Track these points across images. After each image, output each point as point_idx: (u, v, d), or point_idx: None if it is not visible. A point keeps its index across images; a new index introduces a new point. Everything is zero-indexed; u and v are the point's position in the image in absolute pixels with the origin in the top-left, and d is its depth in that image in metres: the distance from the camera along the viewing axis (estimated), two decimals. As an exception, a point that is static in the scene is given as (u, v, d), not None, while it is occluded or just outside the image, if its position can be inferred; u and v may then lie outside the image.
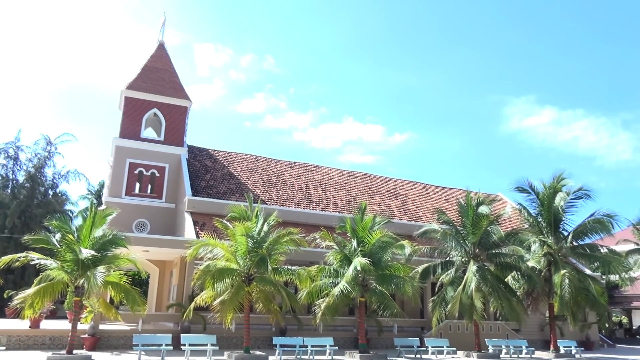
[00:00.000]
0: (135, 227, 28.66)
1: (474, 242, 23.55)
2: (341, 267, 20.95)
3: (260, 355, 18.49)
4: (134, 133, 30.62)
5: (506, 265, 23.60)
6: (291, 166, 35.10)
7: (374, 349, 23.44)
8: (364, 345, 20.81)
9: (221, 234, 22.49)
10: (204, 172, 30.60)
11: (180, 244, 22.25)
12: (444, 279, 23.58)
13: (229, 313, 18.43)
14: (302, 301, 20.12)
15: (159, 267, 28.57)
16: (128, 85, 31.54)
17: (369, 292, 20.66)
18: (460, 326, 25.79)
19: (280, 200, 29.97)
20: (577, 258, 26.92)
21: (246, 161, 33.84)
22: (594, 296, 24.26)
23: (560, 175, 26.33)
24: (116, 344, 20.09)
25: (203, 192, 28.23)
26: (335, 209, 31.06)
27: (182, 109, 32.39)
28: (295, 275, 19.60)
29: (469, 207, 23.93)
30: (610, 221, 25.00)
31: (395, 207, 34.05)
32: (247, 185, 30.51)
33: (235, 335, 21.60)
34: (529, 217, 26.72)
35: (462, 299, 21.69)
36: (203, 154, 32.95)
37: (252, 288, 18.97)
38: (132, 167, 29.92)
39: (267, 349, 21.58)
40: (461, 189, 37.82)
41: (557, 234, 25.83)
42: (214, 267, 18.59)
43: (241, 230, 18.77)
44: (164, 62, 33.99)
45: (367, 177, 37.36)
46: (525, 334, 27.91)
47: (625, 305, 38.87)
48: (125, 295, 17.40)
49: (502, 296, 21.96)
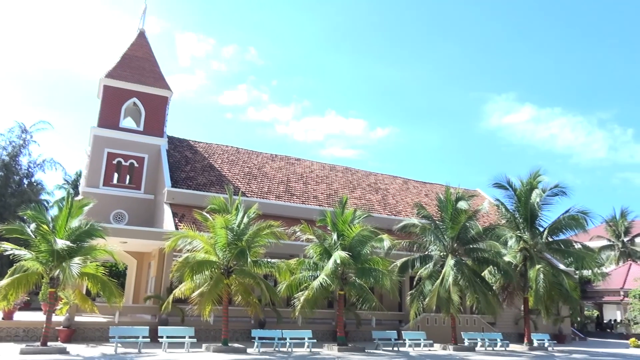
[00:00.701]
0: (113, 218, 28.26)
1: (452, 237, 23.86)
2: (321, 260, 21.03)
3: (239, 348, 18.48)
4: (113, 122, 30.10)
5: (483, 260, 23.99)
6: (272, 159, 34.98)
7: (352, 341, 23.63)
8: (342, 338, 20.96)
9: (201, 226, 22.35)
10: (184, 164, 30.29)
11: (158, 236, 22.02)
12: (423, 272, 23.85)
13: (207, 305, 18.37)
14: (282, 294, 20.16)
15: (136, 259, 28.25)
16: (107, 74, 30.95)
17: (348, 285, 20.79)
18: (437, 319, 26.15)
19: (261, 193, 29.87)
20: (551, 253, 27.52)
21: (227, 153, 33.60)
22: (567, 291, 24.85)
23: (537, 172, 26.83)
24: (92, 336, 19.84)
25: (183, 184, 27.96)
26: (316, 202, 31.10)
27: (163, 99, 31.94)
28: (274, 268, 19.61)
29: (448, 202, 24.22)
30: (584, 218, 25.60)
31: (375, 201, 34.25)
32: (228, 178, 30.32)
33: (214, 327, 21.53)
34: (506, 213, 27.19)
35: (440, 292, 21.98)
36: (183, 145, 32.60)
37: (231, 280, 18.92)
38: (110, 157, 29.44)
39: (245, 341, 21.57)
40: (441, 184, 38.24)
41: (533, 229, 26.34)
42: (193, 259, 18.48)
43: (221, 223, 18.68)
44: (144, 51, 33.44)
45: (348, 171, 37.47)
46: (500, 327, 28.45)
47: (596, 300, 39.91)
48: (102, 286, 17.18)
49: (478, 290, 22.32)
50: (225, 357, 16.70)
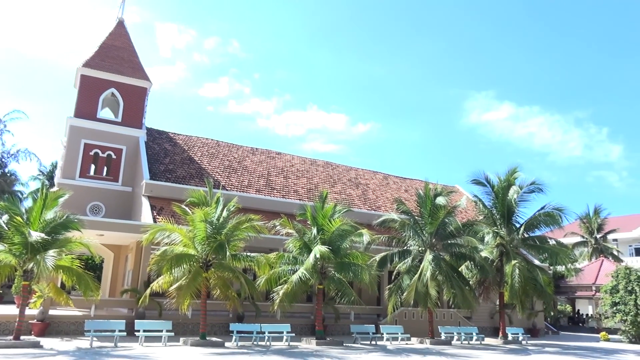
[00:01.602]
0: (90, 210, 27.80)
1: (431, 232, 24.11)
2: (300, 254, 21.06)
3: (217, 342, 18.42)
4: (90, 113, 29.52)
5: (461, 255, 24.32)
6: (253, 152, 34.81)
7: (330, 335, 23.76)
8: (320, 331, 21.05)
9: (179, 219, 22.16)
10: (163, 156, 29.92)
11: (136, 229, 21.74)
12: (401, 267, 24.07)
13: (185, 299, 18.26)
14: (261, 288, 20.14)
15: (113, 252, 27.86)
16: (84, 63, 30.32)
17: (328, 279, 20.87)
18: (415, 314, 26.45)
19: (241, 187, 29.71)
20: (527, 249, 28.06)
21: (207, 146, 33.30)
22: (541, 286, 25.40)
23: (515, 169, 27.27)
24: (67, 330, 19.53)
25: (161, 176, 27.63)
26: (296, 196, 31.08)
27: (141, 89, 31.45)
28: (254, 262, 19.57)
29: (427, 198, 24.45)
30: (559, 215, 26.16)
31: (355, 196, 34.38)
32: (208, 171, 30.07)
33: (192, 321, 21.40)
34: (484, 209, 27.61)
35: (418, 287, 22.22)
36: (162, 137, 32.18)
37: (210, 274, 18.82)
38: (87, 148, 28.90)
39: (223, 335, 21.50)
40: (420, 180, 38.56)
41: (510, 225, 26.81)
42: (172, 252, 18.33)
43: (200, 216, 18.55)
44: (123, 41, 32.83)
45: (328, 166, 37.52)
46: (476, 321, 28.93)
47: (569, 295, 40.85)
48: (77, 279, 16.93)
49: (455, 285, 22.64)
50: (203, 351, 16.62)
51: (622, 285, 29.28)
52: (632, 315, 28.26)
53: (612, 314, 29.65)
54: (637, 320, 28.15)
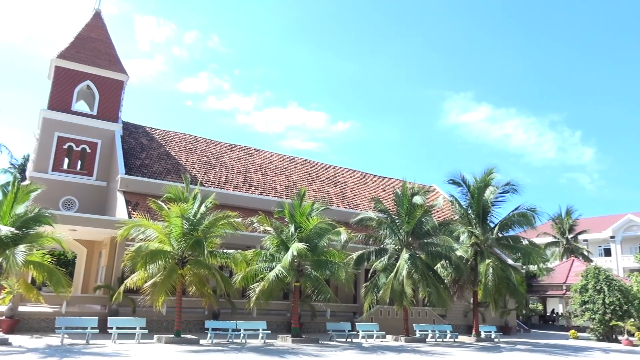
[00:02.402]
0: (63, 205, 27.21)
1: (407, 231, 24.33)
2: (278, 251, 21.02)
3: (192, 339, 18.26)
4: (64, 105, 28.86)
5: (436, 254, 24.61)
6: (231, 149, 34.55)
7: (306, 333, 23.80)
8: (296, 329, 21.06)
9: (155, 215, 21.86)
10: (139, 150, 29.46)
11: (110, 224, 21.36)
12: (378, 265, 24.23)
13: (160, 296, 18.05)
14: (237, 285, 20.04)
15: (86, 248, 27.34)
16: (59, 54, 29.62)
17: (304, 277, 20.88)
18: (391, 311, 26.67)
19: (219, 183, 29.47)
20: (501, 249, 28.56)
21: (184, 141, 32.92)
22: (514, 285, 25.89)
23: (491, 170, 27.70)
24: (37, 327, 19.10)
25: (137, 171, 27.21)
26: (275, 193, 30.99)
27: (118, 82, 30.88)
28: (230, 259, 19.45)
29: (404, 197, 24.65)
30: (532, 215, 26.70)
31: (334, 194, 34.46)
32: (185, 166, 29.74)
33: (166, 318, 21.16)
34: (460, 209, 27.98)
35: (394, 285, 22.41)
36: (139, 131, 31.68)
37: (185, 271, 18.64)
38: (60, 142, 28.27)
39: (199, 332, 21.33)
40: (398, 179, 38.88)
41: (485, 225, 27.24)
42: (146, 248, 18.09)
43: (176, 212, 18.34)
44: (99, 32, 32.17)
45: (307, 164, 37.49)
46: (450, 319, 29.33)
47: (541, 294, 41.77)
48: (48, 275, 16.57)
49: (431, 283, 22.91)
50: (178, 349, 16.46)
51: (591, 284, 30.06)
52: (599, 314, 29.05)
53: (581, 313, 30.43)
54: (605, 319, 28.95)
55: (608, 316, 28.85)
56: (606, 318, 28.93)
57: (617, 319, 28.74)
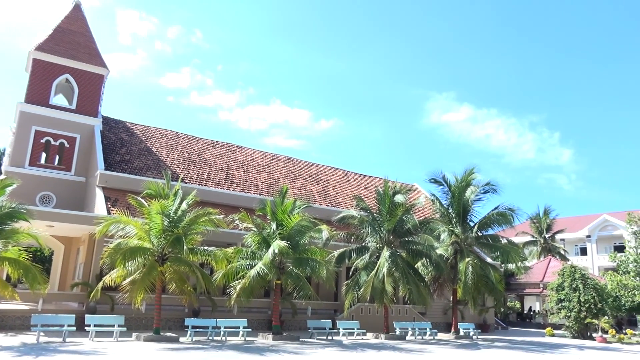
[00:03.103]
0: (39, 201, 26.69)
1: (389, 230, 24.48)
2: (259, 249, 20.96)
3: (171, 337, 18.10)
4: (42, 99, 28.28)
5: (417, 252, 24.82)
6: (213, 145, 34.29)
7: (287, 330, 23.79)
8: (277, 327, 21.03)
9: (135, 211, 21.61)
10: (119, 146, 29.04)
11: (89, 220, 21.02)
12: (359, 263, 24.34)
13: (139, 293, 17.85)
14: (218, 282, 19.92)
15: (64, 244, 26.86)
16: (37, 46, 29.00)
17: (285, 274, 20.86)
18: (371, 309, 26.82)
19: (200, 180, 29.23)
20: (480, 247, 28.94)
21: (166, 137, 32.56)
22: (493, 283, 26.28)
23: (472, 170, 28.06)
24: (12, 325, 18.71)
25: (117, 167, 26.82)
26: (257, 191, 30.86)
27: (98, 76, 30.38)
28: (211, 256, 19.33)
29: (386, 196, 24.79)
30: (511, 215, 27.13)
31: (316, 192, 34.47)
32: (166, 162, 29.42)
33: (146, 316, 20.94)
34: (441, 208, 28.28)
35: (375, 283, 22.54)
36: (119, 126, 31.22)
37: (165, 268, 18.46)
38: (38, 136, 27.70)
39: (178, 330, 21.16)
40: (380, 178, 39.06)
41: (465, 224, 27.57)
42: (126, 245, 17.85)
43: (157, 208, 18.14)
44: (79, 25, 31.58)
45: (290, 161, 37.43)
46: (430, 317, 29.64)
47: (519, 292, 42.45)
48: (24, 272, 16.26)
49: (411, 281, 23.10)
50: (156, 347, 16.30)
51: (568, 283, 30.67)
52: (575, 311, 29.66)
53: (558, 310, 31.03)
54: (580, 316, 29.57)
55: (583, 314, 29.47)
56: (581, 316, 29.55)
57: (591, 317, 29.39)
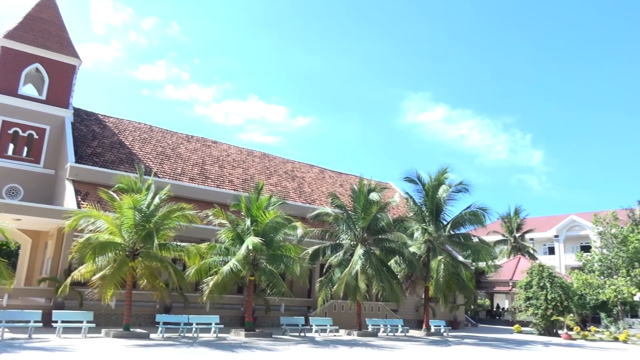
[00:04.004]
0: (6, 193, 25.92)
1: (363, 227, 24.64)
2: (233, 245, 20.83)
3: (141, 333, 17.86)
4: (11, 88, 27.41)
5: (390, 250, 25.07)
6: (188, 140, 33.87)
7: (260, 327, 23.74)
8: (250, 323, 20.97)
9: (106, 205, 21.20)
10: (91, 138, 28.42)
11: (58, 214, 20.54)
12: (333, 260, 24.45)
13: (109, 289, 17.54)
14: (190, 278, 19.73)
15: (31, 238, 26.16)
16: (6, 34, 28.07)
17: (259, 271, 20.80)
18: (344, 306, 26.98)
19: (174, 174, 28.85)
20: (452, 246, 29.43)
21: (139, 130, 32.00)
22: (464, 281, 26.75)
23: (445, 169, 28.47)
24: (-25, 320, 18.13)
25: (88, 160, 26.25)
26: (231, 186, 30.64)
27: (70, 67, 29.60)
28: (184, 252, 19.12)
29: (361, 194, 24.95)
30: (483, 214, 27.66)
31: (291, 188, 34.42)
32: (139, 156, 28.93)
33: (115, 312, 20.60)
34: (415, 206, 28.63)
35: (348, 280, 22.67)
36: (91, 118, 30.54)
37: (136, 263, 18.19)
38: (5, 126, 26.85)
39: (149, 326, 20.88)
40: (355, 176, 39.25)
41: (438, 223, 27.97)
42: (96, 240, 17.52)
43: (129, 203, 17.84)
44: (51, 13, 30.71)
45: (265, 157, 37.27)
46: (402, 314, 29.98)
47: (489, 290, 43.34)
48: (-12, 266, 15.75)
49: (384, 279, 23.32)
50: (126, 343, 16.05)
51: (536, 281, 31.46)
52: (542, 309, 30.46)
53: (526, 308, 31.81)
54: (547, 314, 30.38)
55: (550, 311, 30.29)
56: (548, 313, 30.36)
57: (558, 314, 30.23)
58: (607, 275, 34.02)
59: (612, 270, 33.79)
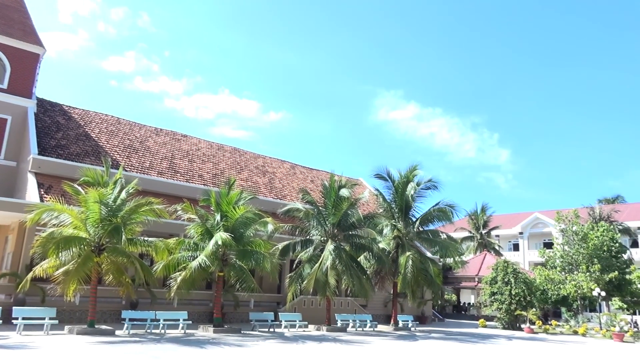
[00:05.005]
0: (-36, 185, 24.90)
1: (333, 223, 24.75)
2: (202, 240, 20.61)
3: (106, 330, 17.48)
4: (-31, 76, 26.31)
5: (360, 246, 25.27)
6: (157, 133, 33.24)
7: (229, 323, 23.59)
8: (218, 319, 20.81)
9: (71, 199, 20.64)
10: (55, 130, 27.55)
11: (19, 207, 19.85)
12: (303, 256, 24.49)
13: (72, 284, 17.08)
14: (158, 274, 19.42)
15: (-9, 232, 25.24)
16: (-36, 19, 26.92)
17: (228, 266, 20.65)
18: (314, 302, 27.08)
19: (142, 168, 28.28)
20: (421, 242, 29.89)
21: (106, 122, 31.21)
22: (431, 276, 27.22)
23: (415, 166, 28.88)
24: None
25: (52, 152, 25.45)
26: (201, 181, 30.26)
27: (33, 55, 28.59)
28: (152, 247, 18.80)
29: (331, 190, 25.04)
30: (451, 211, 28.23)
31: (262, 184, 34.25)
32: (105, 149, 28.22)
33: (80, 308, 20.12)
34: (384, 203, 28.93)
35: (318, 275, 22.76)
36: (55, 109, 29.60)
37: (102, 259, 17.77)
38: (-37, 116, 25.78)
39: (115, 323, 20.48)
40: (327, 172, 39.35)
41: (407, 219, 28.36)
42: (60, 234, 17.03)
43: (94, 197, 17.39)
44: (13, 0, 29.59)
45: (236, 152, 36.95)
46: (371, 309, 30.30)
47: (455, 285, 44.25)
48: (-56, 262, 15.13)
49: (354, 274, 23.50)
50: (90, 340, 15.69)
51: (500, 277, 32.29)
52: (506, 304, 31.31)
53: (490, 303, 32.64)
54: (511, 308, 31.25)
55: (513, 306, 31.17)
56: (512, 308, 31.24)
57: (521, 309, 31.13)
58: (568, 271, 35.20)
59: (573, 266, 34.98)
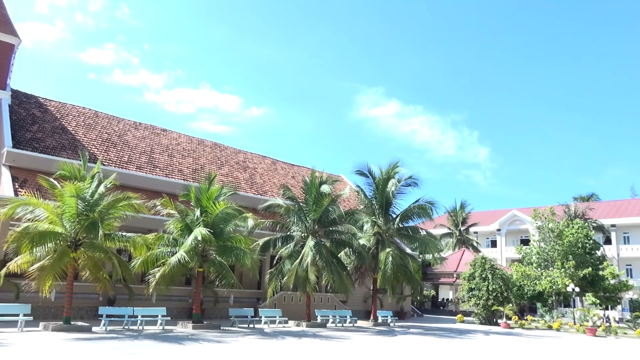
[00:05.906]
0: None
1: (314, 219, 24.77)
2: (181, 236, 20.42)
3: (83, 326, 17.22)
4: (-60, 66, 25.53)
5: (340, 242, 25.35)
6: (136, 127, 32.75)
7: (208, 319, 23.45)
8: (197, 315, 20.67)
9: (46, 193, 20.24)
10: (30, 123, 26.91)
11: (-7, 201, 19.38)
12: (283, 252, 24.46)
13: (47, 280, 16.77)
14: (136, 270, 19.20)
15: (-37, 227, 24.58)
16: None
17: (208, 262, 20.51)
18: (294, 297, 27.08)
19: (121, 162, 27.83)
20: (401, 238, 30.11)
21: (84, 115, 30.61)
22: (411, 272, 27.49)
23: (396, 163, 29.06)
24: None
25: (27, 145, 24.86)
26: (181, 176, 29.94)
27: (7, 45, 27.82)
28: (130, 243, 18.57)
29: (312, 186, 25.04)
30: (431, 208, 28.48)
31: (243, 179, 34.06)
32: (83, 143, 27.69)
33: (55, 305, 19.77)
34: (365, 199, 29.07)
35: (298, 271, 22.76)
36: (31, 101, 28.91)
37: (78, 254, 17.48)
38: None
39: (92, 319, 20.19)
40: (308, 168, 39.33)
41: (387, 215, 28.54)
42: (35, 229, 16.69)
43: (71, 191, 17.06)
44: (-14, -13, 28.72)
45: (217, 147, 36.65)
46: (351, 305, 30.45)
47: (434, 281, 44.75)
48: None
49: (334, 270, 23.58)
50: (66, 337, 15.42)
51: (478, 273, 32.75)
52: (484, 299, 31.79)
53: (468, 299, 33.10)
54: (488, 304, 31.75)
55: (491, 302, 31.66)
56: (489, 303, 31.74)
57: (498, 304, 31.64)
58: (543, 267, 35.90)
59: (549, 263, 35.69)
